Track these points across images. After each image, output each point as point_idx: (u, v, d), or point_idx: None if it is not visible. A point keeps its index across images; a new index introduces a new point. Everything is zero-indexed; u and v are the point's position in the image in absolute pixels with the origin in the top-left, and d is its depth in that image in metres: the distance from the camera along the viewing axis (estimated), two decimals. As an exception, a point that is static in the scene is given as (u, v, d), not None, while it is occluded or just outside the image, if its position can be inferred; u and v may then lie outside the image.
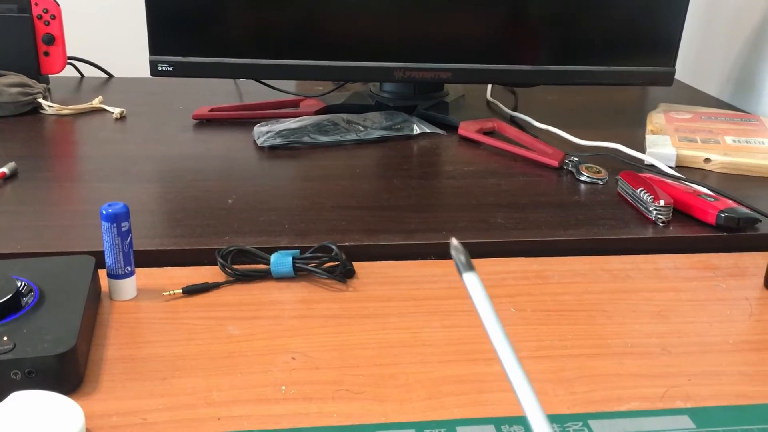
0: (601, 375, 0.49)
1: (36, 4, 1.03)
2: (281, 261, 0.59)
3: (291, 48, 0.94)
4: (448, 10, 0.94)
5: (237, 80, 1.18)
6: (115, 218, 0.54)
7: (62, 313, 0.48)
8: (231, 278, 0.59)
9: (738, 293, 0.60)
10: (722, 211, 0.69)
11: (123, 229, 0.54)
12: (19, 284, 0.50)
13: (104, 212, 0.53)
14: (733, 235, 0.69)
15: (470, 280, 0.31)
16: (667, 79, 1.00)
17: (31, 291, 0.50)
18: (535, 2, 0.96)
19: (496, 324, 0.30)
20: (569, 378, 0.49)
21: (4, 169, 0.76)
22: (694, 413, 0.46)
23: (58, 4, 1.04)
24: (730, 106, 1.15)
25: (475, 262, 0.63)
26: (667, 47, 0.98)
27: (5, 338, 0.45)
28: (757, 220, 0.70)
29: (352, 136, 0.92)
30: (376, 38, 0.95)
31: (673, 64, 0.99)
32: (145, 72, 0.95)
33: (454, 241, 0.31)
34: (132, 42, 1.07)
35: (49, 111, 0.99)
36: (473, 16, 0.95)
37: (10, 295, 0.48)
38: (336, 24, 0.94)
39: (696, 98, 1.20)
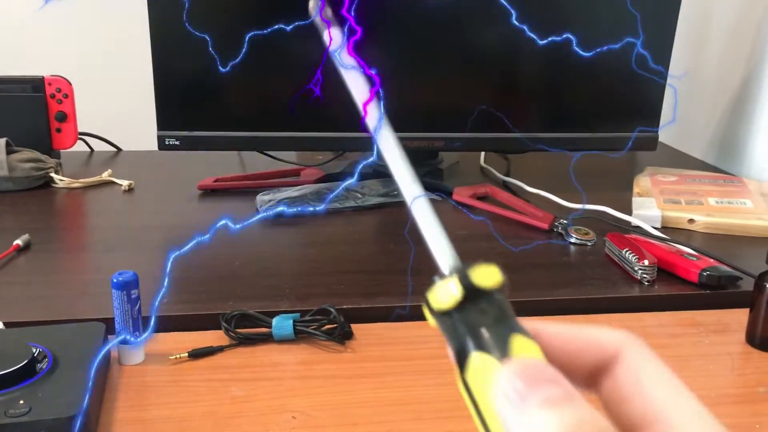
0: None
1: (49, 84, 1.09)
2: (282, 324, 0.62)
3: (291, 120, 0.99)
4: (442, 82, 1.00)
5: (240, 152, 1.22)
6: (126, 286, 0.57)
7: (74, 378, 0.51)
8: (234, 341, 0.62)
9: (721, 348, 0.63)
10: (704, 270, 0.72)
11: (132, 296, 0.57)
12: (34, 351, 0.53)
13: (115, 280, 0.57)
14: (715, 292, 0.72)
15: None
16: (651, 143, 1.04)
17: (45, 357, 0.53)
18: (525, 74, 1.02)
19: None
20: (558, 432, 0.51)
21: (18, 241, 0.79)
22: (677, 464, 0.48)
23: (70, 84, 1.10)
24: (715, 168, 1.19)
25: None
26: (650, 114, 1.03)
27: (21, 402, 0.48)
28: (739, 278, 0.73)
29: (351, 203, 0.96)
30: (372, 110, 0.99)
31: (656, 130, 1.04)
32: (152, 145, 0.99)
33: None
34: (139, 117, 1.12)
35: (61, 184, 1.03)
36: (466, 87, 1.00)
37: (25, 362, 0.51)
38: (334, 97, 0.98)
39: (682, 161, 1.25)
